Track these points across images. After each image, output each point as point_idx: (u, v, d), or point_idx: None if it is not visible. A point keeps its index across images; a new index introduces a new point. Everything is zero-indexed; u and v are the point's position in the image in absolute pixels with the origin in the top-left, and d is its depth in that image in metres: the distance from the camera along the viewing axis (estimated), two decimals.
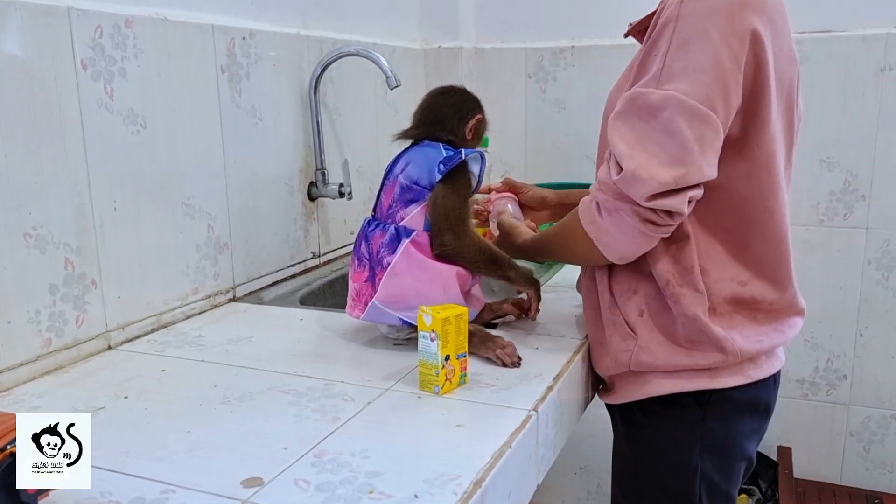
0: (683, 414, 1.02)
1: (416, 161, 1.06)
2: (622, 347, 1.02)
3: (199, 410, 0.87)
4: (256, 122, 1.37)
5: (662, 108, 0.86)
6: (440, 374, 0.90)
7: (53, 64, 0.98)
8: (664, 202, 0.86)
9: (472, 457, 0.75)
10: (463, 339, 0.93)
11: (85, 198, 1.04)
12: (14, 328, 0.95)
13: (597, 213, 0.93)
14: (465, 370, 0.93)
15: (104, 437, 0.81)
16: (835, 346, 1.91)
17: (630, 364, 1.01)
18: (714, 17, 0.86)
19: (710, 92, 0.85)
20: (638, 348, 1.00)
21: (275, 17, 1.43)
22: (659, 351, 0.99)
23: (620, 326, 1.02)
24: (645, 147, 0.87)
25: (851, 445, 1.96)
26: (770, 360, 1.03)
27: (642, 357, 1.00)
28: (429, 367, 0.91)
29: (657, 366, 0.99)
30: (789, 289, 1.02)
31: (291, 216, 1.49)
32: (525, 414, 0.85)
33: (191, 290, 1.24)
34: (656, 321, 1.00)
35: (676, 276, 0.96)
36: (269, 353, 1.06)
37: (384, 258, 1.02)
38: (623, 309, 1.02)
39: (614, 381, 1.08)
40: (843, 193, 1.81)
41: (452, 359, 0.91)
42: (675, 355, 0.98)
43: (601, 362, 1.07)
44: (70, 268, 1.02)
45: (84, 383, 0.97)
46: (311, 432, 0.81)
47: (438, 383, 0.90)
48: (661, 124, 0.86)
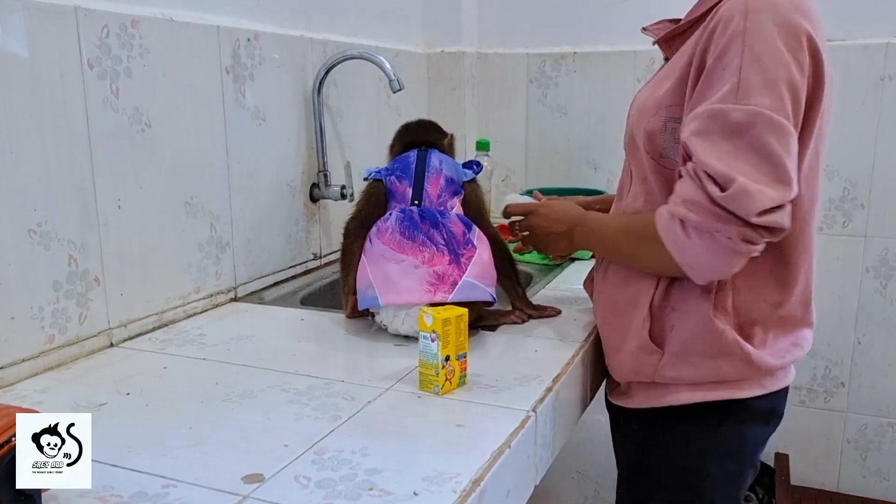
0: (701, 419, 1.02)
1: (446, 161, 1.20)
2: (647, 361, 1.01)
3: (200, 407, 0.88)
4: (260, 123, 1.37)
5: (749, 125, 0.85)
6: (440, 375, 0.91)
7: (60, 63, 0.99)
8: (773, 217, 0.85)
9: (471, 456, 0.76)
10: (463, 339, 0.93)
11: (89, 195, 1.04)
12: (17, 324, 0.96)
13: (683, 235, 0.89)
14: (465, 371, 0.94)
15: (106, 432, 0.81)
16: (833, 354, 1.92)
17: (654, 377, 1.01)
18: (781, 30, 0.85)
19: (788, 106, 0.85)
20: (663, 363, 1.00)
21: (279, 19, 1.44)
22: (685, 367, 0.99)
23: (645, 340, 1.01)
24: (740, 165, 0.85)
25: (849, 453, 1.96)
26: (786, 371, 1.04)
27: (668, 371, 1.00)
28: (429, 368, 0.92)
29: (682, 379, 1.00)
30: (812, 304, 1.04)
31: (293, 217, 1.49)
32: (524, 414, 0.86)
33: (193, 288, 1.24)
34: (686, 337, 0.99)
35: (714, 295, 0.96)
36: (270, 353, 1.06)
37: (469, 240, 1.11)
38: (656, 324, 1.01)
39: (631, 386, 1.08)
40: (843, 201, 1.82)
41: (452, 359, 0.92)
42: (701, 370, 0.99)
43: (619, 368, 1.07)
44: (74, 264, 1.03)
45: (86, 380, 0.97)
46: (311, 430, 0.81)
47: (438, 383, 0.91)
48: (749, 142, 0.85)
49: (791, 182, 0.85)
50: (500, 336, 1.13)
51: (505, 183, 2.11)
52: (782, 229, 0.87)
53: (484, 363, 1.01)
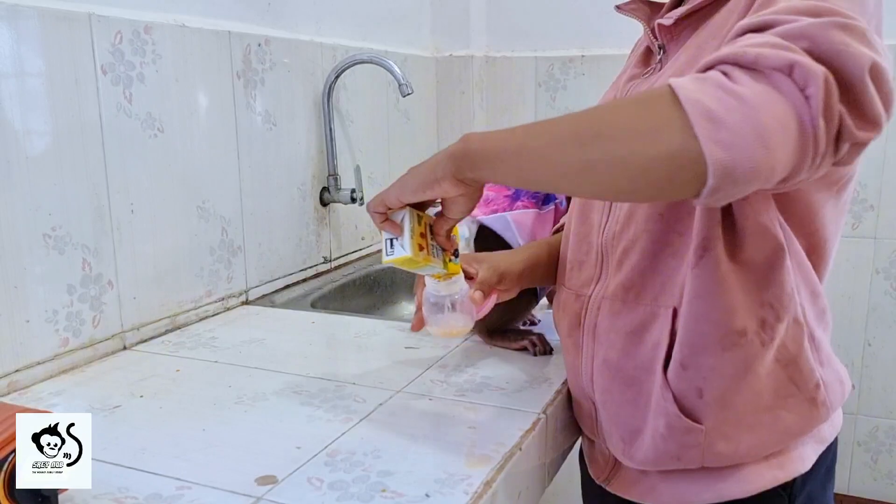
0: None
1: None
2: (687, 442, 0.75)
3: (213, 410, 0.89)
4: (270, 128, 1.38)
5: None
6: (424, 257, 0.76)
7: (74, 69, 1.00)
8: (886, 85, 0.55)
9: (482, 458, 0.76)
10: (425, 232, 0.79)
11: (103, 200, 1.05)
12: (32, 327, 0.97)
13: (729, 84, 0.54)
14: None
15: (120, 434, 0.82)
16: (843, 356, 1.91)
17: (704, 461, 0.75)
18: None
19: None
20: (708, 440, 0.74)
21: (289, 24, 1.45)
22: (741, 432, 0.74)
23: (674, 413, 0.75)
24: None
25: (859, 455, 1.96)
26: (838, 405, 0.79)
27: (719, 447, 0.74)
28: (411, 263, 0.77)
29: (739, 454, 0.74)
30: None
31: (304, 221, 1.50)
32: (535, 416, 0.86)
33: (204, 292, 1.25)
34: (727, 394, 0.73)
35: (772, 306, 0.71)
36: (282, 355, 1.07)
37: (550, 198, 1.07)
38: (676, 391, 0.74)
39: (655, 476, 0.81)
40: (852, 203, 1.82)
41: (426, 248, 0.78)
42: (761, 432, 0.74)
43: (643, 456, 0.79)
44: (87, 268, 1.04)
45: (100, 382, 0.98)
46: (323, 432, 0.82)
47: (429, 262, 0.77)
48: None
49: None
50: None
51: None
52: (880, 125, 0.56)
53: (495, 366, 1.01)
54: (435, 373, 0.99)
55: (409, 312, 1.67)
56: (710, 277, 0.70)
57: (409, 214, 0.77)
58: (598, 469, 0.90)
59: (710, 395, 0.73)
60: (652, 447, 0.78)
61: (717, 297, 0.70)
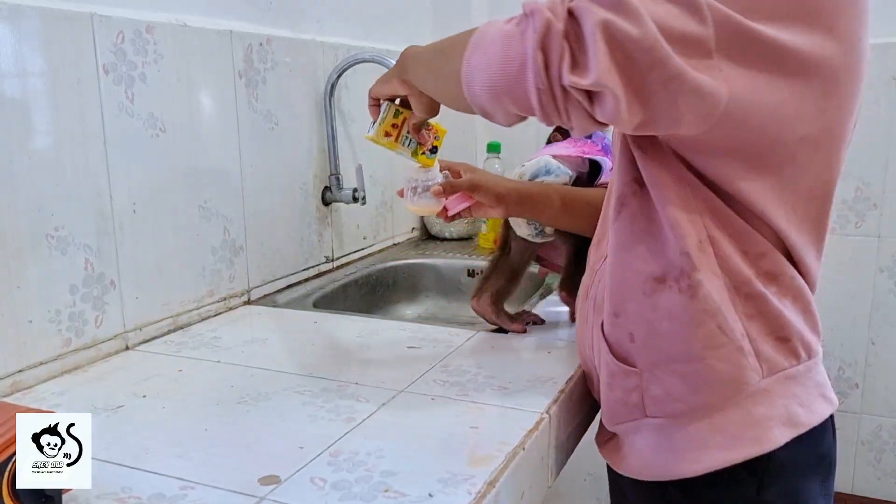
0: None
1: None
2: (627, 386, 0.82)
3: (216, 410, 0.89)
4: (272, 127, 1.38)
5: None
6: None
7: (76, 69, 1.00)
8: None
9: (485, 457, 0.76)
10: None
11: (105, 200, 1.05)
12: (35, 327, 0.97)
13: (510, 19, 0.69)
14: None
15: (123, 434, 0.82)
16: (846, 355, 1.91)
17: (646, 408, 0.81)
18: None
19: None
20: (644, 382, 0.81)
21: (291, 23, 1.45)
22: (671, 378, 0.79)
23: (612, 363, 0.84)
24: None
25: (863, 455, 1.95)
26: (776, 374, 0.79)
27: (654, 391, 0.81)
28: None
29: (674, 399, 0.79)
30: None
31: (306, 220, 1.50)
32: (538, 416, 0.86)
33: (206, 292, 1.25)
34: (654, 338, 0.80)
35: (688, 255, 0.76)
36: (284, 355, 1.07)
37: (605, 145, 1.13)
38: (611, 339, 0.84)
39: (624, 439, 0.88)
40: (855, 202, 1.82)
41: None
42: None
43: (604, 411, 0.89)
44: (90, 268, 1.04)
45: (103, 382, 0.98)
46: (326, 432, 0.82)
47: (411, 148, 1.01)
48: None
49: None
50: (513, 338, 1.14)
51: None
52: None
53: (497, 365, 1.01)
54: (437, 372, 0.99)
55: (411, 312, 1.67)
56: (627, 230, 0.79)
57: (386, 106, 0.99)
58: (601, 437, 0.95)
59: (640, 339, 0.80)
60: (605, 400, 0.86)
61: (634, 248, 0.78)
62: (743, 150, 0.72)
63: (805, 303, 0.80)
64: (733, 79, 0.65)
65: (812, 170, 0.75)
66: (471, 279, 1.66)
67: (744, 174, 0.73)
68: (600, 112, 0.65)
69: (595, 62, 0.62)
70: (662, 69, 0.62)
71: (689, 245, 0.74)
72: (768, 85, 0.67)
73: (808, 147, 0.73)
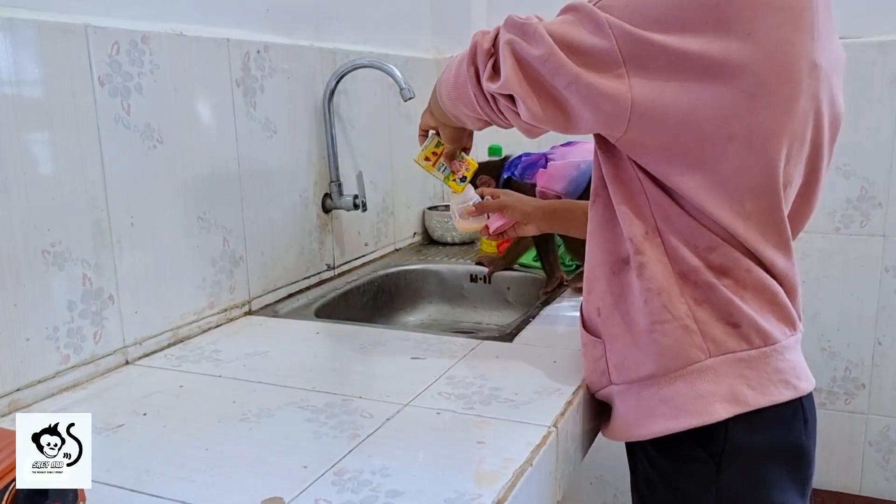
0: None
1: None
2: (595, 355, 0.94)
3: (217, 427, 0.87)
4: (271, 135, 1.37)
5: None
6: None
7: (71, 81, 0.98)
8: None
9: (492, 475, 0.74)
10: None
11: (102, 213, 1.04)
12: (33, 345, 0.95)
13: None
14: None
15: (124, 454, 0.81)
16: (852, 355, 1.90)
17: (611, 374, 0.92)
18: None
19: None
20: (607, 352, 0.92)
21: (288, 29, 1.43)
22: (626, 348, 0.89)
23: (584, 334, 0.97)
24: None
25: (871, 455, 1.94)
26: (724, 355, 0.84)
27: (614, 359, 0.92)
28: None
29: (629, 368, 0.89)
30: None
31: (306, 228, 1.49)
32: (545, 430, 0.84)
33: (207, 304, 1.24)
34: (614, 311, 0.91)
35: (632, 241, 0.87)
36: (286, 368, 1.06)
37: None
38: (584, 314, 0.97)
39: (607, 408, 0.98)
40: (860, 201, 1.80)
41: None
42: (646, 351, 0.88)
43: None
44: (88, 283, 1.02)
45: (102, 400, 0.97)
46: (330, 450, 0.80)
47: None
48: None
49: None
50: (519, 348, 1.12)
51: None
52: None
53: (503, 376, 1.00)
54: (442, 385, 0.98)
55: (414, 319, 1.65)
56: (599, 217, 0.90)
57: (431, 136, 1.16)
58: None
59: (604, 312, 0.91)
60: (584, 369, 0.98)
61: (605, 233, 0.90)
62: (674, 149, 0.79)
63: (770, 295, 0.85)
64: (641, 85, 0.75)
65: (750, 166, 0.79)
66: (474, 284, 1.64)
67: (680, 170, 0.80)
68: (522, 113, 0.82)
69: (504, 71, 0.80)
70: (563, 76, 0.76)
71: (635, 234, 0.84)
72: (681, 89, 0.75)
73: (739, 145, 0.78)
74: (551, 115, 0.81)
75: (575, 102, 0.78)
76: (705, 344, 0.83)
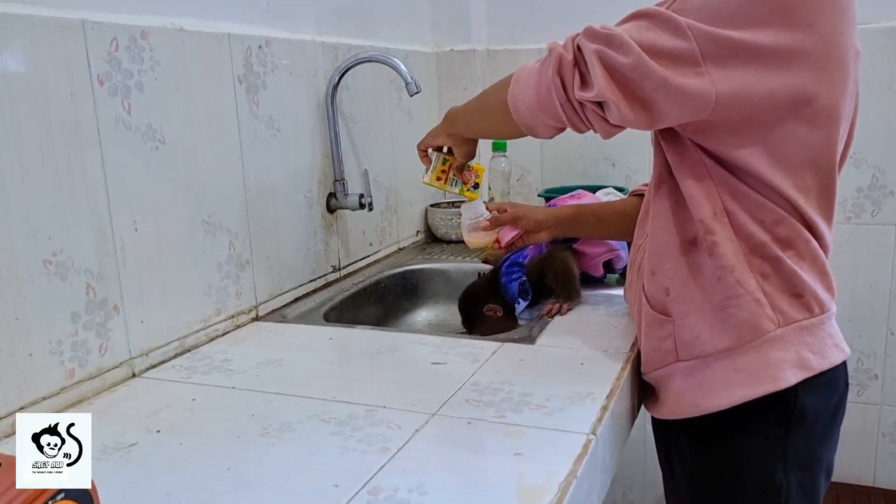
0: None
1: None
2: (661, 335, 0.98)
3: (237, 444, 0.82)
4: (274, 133, 1.32)
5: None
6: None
7: (69, 80, 0.93)
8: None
9: (537, 490, 0.70)
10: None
11: (105, 219, 0.98)
12: (36, 360, 0.90)
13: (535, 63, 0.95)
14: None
15: (140, 477, 0.76)
16: (865, 346, 1.87)
17: (678, 352, 0.96)
18: None
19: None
20: (676, 330, 0.96)
21: (289, 24, 1.38)
22: (699, 325, 0.93)
23: (650, 314, 0.99)
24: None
25: (884, 446, 1.92)
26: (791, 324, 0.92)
27: (684, 335, 0.95)
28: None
29: (702, 343, 0.93)
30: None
31: (311, 229, 1.44)
32: (584, 438, 0.80)
33: (214, 310, 1.19)
34: (686, 290, 0.95)
35: (703, 223, 0.92)
36: (302, 377, 1.01)
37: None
38: (649, 294, 1.00)
39: (660, 388, 1.03)
40: (871, 190, 1.77)
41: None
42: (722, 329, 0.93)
43: (643, 360, 1.03)
44: (92, 294, 0.97)
45: (111, 416, 0.92)
46: (361, 466, 0.76)
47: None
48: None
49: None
50: (542, 350, 1.08)
51: (520, 183, 2.05)
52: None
53: (530, 380, 0.96)
54: (468, 391, 0.93)
55: (423, 319, 1.61)
56: (664, 202, 0.96)
57: (436, 156, 1.23)
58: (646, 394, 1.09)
59: (674, 291, 0.96)
60: (644, 350, 1.02)
61: (671, 216, 0.95)
62: (744, 130, 0.86)
63: (821, 265, 0.92)
64: (721, 80, 0.81)
65: (813, 143, 0.87)
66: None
67: (749, 149, 0.87)
68: (611, 117, 0.86)
69: (595, 81, 0.84)
70: (651, 79, 0.81)
71: (705, 215, 0.90)
72: (756, 78, 0.81)
73: (805, 124, 0.85)
74: (639, 116, 0.85)
75: (662, 102, 0.83)
76: (775, 315, 0.90)
